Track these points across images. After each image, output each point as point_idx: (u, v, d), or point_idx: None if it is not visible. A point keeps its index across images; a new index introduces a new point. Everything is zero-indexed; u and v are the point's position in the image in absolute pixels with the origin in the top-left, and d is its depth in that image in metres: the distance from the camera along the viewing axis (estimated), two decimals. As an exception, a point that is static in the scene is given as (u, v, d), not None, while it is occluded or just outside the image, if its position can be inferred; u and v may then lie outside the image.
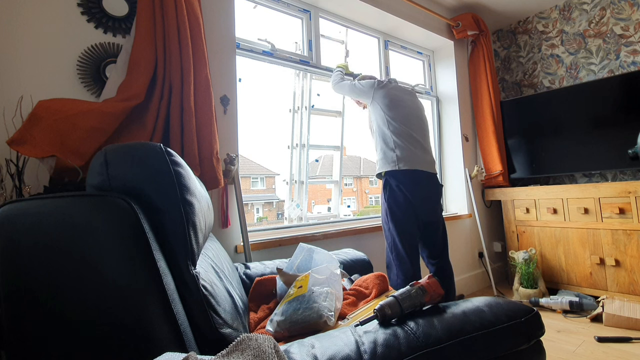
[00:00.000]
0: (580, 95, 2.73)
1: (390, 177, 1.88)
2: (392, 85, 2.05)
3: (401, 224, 1.84)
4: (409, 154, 1.87)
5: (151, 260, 0.61)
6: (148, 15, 1.36)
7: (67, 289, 0.58)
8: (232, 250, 1.69)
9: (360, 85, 2.06)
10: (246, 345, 0.50)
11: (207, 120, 1.45)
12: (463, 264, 2.92)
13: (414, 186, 1.84)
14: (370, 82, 2.05)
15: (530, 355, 0.79)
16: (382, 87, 2.01)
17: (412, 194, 1.83)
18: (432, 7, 2.90)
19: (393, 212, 1.86)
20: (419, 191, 1.84)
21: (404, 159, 1.85)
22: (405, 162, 1.85)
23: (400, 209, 1.84)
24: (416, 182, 1.85)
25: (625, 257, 2.31)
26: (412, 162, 1.86)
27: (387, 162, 1.89)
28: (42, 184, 1.17)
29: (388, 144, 1.91)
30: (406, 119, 1.95)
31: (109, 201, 0.60)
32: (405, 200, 1.83)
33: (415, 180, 1.85)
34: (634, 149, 2.19)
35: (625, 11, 2.72)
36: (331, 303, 0.99)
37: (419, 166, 1.87)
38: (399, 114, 1.94)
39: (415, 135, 1.93)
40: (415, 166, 1.86)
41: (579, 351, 1.79)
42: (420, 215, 1.86)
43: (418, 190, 1.84)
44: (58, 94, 1.27)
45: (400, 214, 1.84)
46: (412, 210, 1.84)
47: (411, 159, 1.86)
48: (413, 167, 1.85)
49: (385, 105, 1.96)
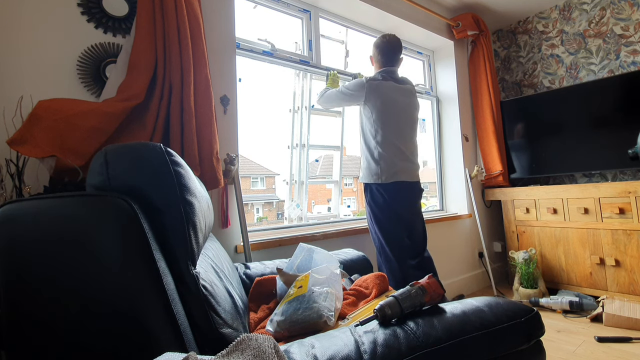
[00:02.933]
0: (580, 95, 2.73)
1: (373, 187, 1.90)
2: (387, 83, 1.93)
3: (385, 227, 1.87)
4: (392, 166, 1.88)
5: (151, 260, 0.61)
6: (148, 15, 1.36)
7: (67, 289, 0.58)
8: (232, 250, 1.69)
9: (348, 90, 1.94)
10: (246, 345, 0.50)
11: (207, 120, 1.45)
12: (463, 264, 2.92)
13: (396, 194, 1.87)
14: (359, 82, 1.92)
15: (530, 355, 0.79)
16: (375, 87, 1.90)
17: (393, 200, 1.86)
18: (432, 7, 2.90)
19: (375, 215, 1.89)
20: (399, 198, 1.88)
21: (387, 172, 1.87)
22: (388, 175, 1.87)
23: (383, 212, 1.87)
24: (397, 191, 1.88)
25: (625, 257, 2.31)
26: (395, 175, 1.87)
27: (371, 174, 1.90)
28: (42, 184, 1.17)
29: (373, 154, 1.90)
30: (396, 126, 1.92)
31: (109, 201, 0.60)
32: (385, 203, 1.86)
33: (397, 189, 1.88)
34: (634, 149, 2.19)
35: (625, 11, 2.72)
36: (331, 303, 0.99)
37: (402, 177, 1.89)
38: (389, 121, 1.90)
39: (402, 146, 1.92)
40: (398, 178, 1.88)
41: (579, 351, 1.79)
42: (402, 215, 1.89)
43: (399, 198, 1.88)
44: (58, 94, 1.27)
45: (383, 217, 1.87)
46: (393, 212, 1.86)
47: (395, 172, 1.88)
48: (395, 179, 1.87)
49: (377, 109, 1.89)
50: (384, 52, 2.00)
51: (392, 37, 2.03)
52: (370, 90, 1.90)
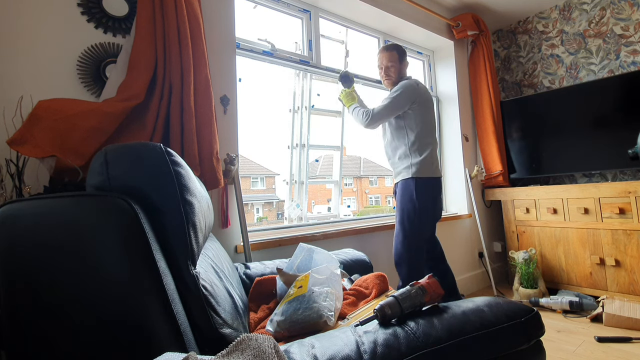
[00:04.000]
0: (580, 95, 2.73)
1: (419, 181, 1.95)
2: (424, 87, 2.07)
3: (429, 224, 2.00)
4: (435, 161, 2.02)
5: (151, 260, 0.61)
6: (148, 15, 1.36)
7: (67, 289, 0.58)
8: (232, 250, 1.69)
9: (401, 97, 1.94)
10: (246, 345, 0.50)
11: (207, 120, 1.45)
12: (463, 264, 2.92)
13: (435, 192, 2.01)
14: (410, 86, 1.97)
15: (530, 355, 0.79)
16: (418, 84, 2.01)
17: (435, 200, 2.01)
18: (432, 7, 2.90)
19: (426, 211, 1.96)
20: (438, 196, 2.03)
21: (433, 165, 2.00)
22: (434, 169, 2.00)
23: (430, 210, 1.98)
24: (437, 184, 2.02)
25: (625, 257, 2.31)
26: (437, 170, 2.02)
27: (425, 168, 1.96)
28: (42, 184, 1.17)
29: (423, 149, 1.97)
30: (432, 124, 2.06)
31: (109, 201, 0.60)
32: (432, 203, 1.99)
33: (437, 183, 2.02)
34: (634, 149, 2.18)
35: (625, 11, 2.72)
36: (331, 303, 0.99)
37: (439, 173, 2.04)
38: (428, 119, 2.03)
39: (434, 143, 2.06)
40: (438, 173, 2.03)
41: (579, 351, 1.79)
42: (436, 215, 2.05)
43: (438, 195, 2.03)
44: (58, 94, 1.27)
45: (431, 214, 1.99)
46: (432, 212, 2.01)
47: (437, 166, 2.03)
48: (437, 175, 2.01)
49: (424, 104, 2.00)
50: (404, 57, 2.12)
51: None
52: (419, 91, 2.00)
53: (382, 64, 2.09)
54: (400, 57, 2.08)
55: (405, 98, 1.95)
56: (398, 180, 2.02)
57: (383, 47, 2.14)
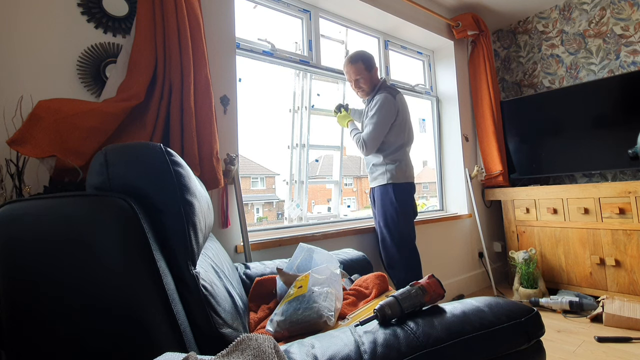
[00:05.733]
0: (580, 95, 2.73)
1: (395, 186, 1.99)
2: (399, 93, 2.04)
3: (410, 224, 2.03)
4: (409, 167, 2.06)
5: (151, 260, 0.61)
6: (148, 16, 1.36)
7: (67, 289, 0.58)
8: (232, 250, 1.69)
9: (389, 114, 1.95)
10: (246, 345, 0.50)
11: (207, 120, 1.45)
12: (463, 264, 2.92)
13: (411, 194, 2.06)
14: (391, 102, 1.94)
15: (530, 355, 0.79)
16: (397, 101, 1.99)
17: (412, 203, 2.07)
18: (432, 7, 2.90)
19: (407, 212, 2.01)
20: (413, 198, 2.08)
21: (406, 172, 2.04)
22: (407, 174, 2.04)
23: (410, 212, 2.04)
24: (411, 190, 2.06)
25: (625, 257, 2.31)
26: (411, 175, 2.07)
27: (399, 174, 2.00)
28: (42, 184, 1.17)
29: (396, 156, 2.01)
30: (409, 132, 2.09)
31: (109, 201, 0.60)
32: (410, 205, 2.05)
33: (412, 188, 2.07)
34: (634, 149, 2.18)
35: (625, 11, 2.72)
36: (331, 303, 0.99)
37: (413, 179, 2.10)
38: (407, 126, 2.06)
39: (409, 150, 2.12)
40: (412, 178, 2.08)
41: (579, 351, 1.79)
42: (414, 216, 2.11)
43: (413, 198, 2.08)
44: (58, 94, 1.27)
45: (411, 215, 2.04)
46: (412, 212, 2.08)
47: (411, 171, 2.08)
48: (411, 180, 2.06)
49: (402, 113, 2.01)
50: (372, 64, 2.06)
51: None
52: (397, 103, 2.00)
53: (350, 77, 2.06)
54: (367, 66, 2.01)
55: (388, 117, 1.96)
56: (374, 185, 2.06)
57: (347, 59, 2.04)
